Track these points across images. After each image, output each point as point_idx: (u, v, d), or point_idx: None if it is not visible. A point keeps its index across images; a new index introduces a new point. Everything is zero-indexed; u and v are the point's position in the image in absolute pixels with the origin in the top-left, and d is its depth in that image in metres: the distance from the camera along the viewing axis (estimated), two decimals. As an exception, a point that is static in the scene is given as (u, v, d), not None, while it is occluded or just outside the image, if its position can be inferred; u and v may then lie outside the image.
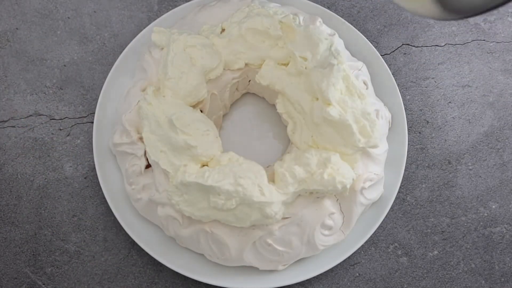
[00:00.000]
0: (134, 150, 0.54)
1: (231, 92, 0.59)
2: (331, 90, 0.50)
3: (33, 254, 0.56)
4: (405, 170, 0.58)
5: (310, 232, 0.51)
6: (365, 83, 0.58)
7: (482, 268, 0.57)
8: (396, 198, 0.59)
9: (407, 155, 0.60)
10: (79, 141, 0.60)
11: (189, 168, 0.49)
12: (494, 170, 0.61)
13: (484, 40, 0.67)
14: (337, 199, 0.52)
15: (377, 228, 0.56)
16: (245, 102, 0.62)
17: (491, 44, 0.67)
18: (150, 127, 0.51)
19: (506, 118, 0.64)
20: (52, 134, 0.61)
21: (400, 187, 0.57)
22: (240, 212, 0.48)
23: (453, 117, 0.64)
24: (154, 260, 0.55)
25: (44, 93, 0.62)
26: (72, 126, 0.61)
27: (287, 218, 0.50)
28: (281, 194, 0.49)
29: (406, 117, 0.60)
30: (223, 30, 0.56)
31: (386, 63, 0.62)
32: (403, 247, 0.58)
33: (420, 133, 0.63)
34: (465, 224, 0.59)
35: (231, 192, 0.47)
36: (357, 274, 0.56)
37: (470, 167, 0.61)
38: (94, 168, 0.57)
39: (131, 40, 0.61)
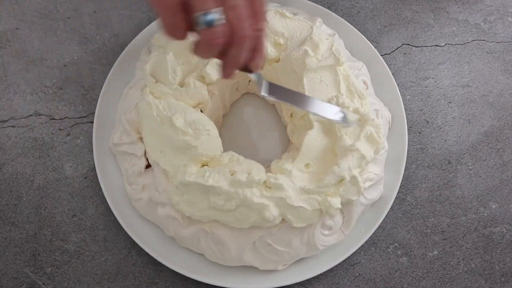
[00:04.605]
0: (134, 150, 0.54)
1: (231, 92, 0.59)
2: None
3: (33, 254, 0.56)
4: (405, 170, 0.58)
5: (310, 232, 0.51)
6: (365, 83, 0.58)
7: (482, 268, 0.57)
8: (396, 198, 0.59)
9: (407, 155, 0.60)
10: (79, 141, 0.60)
11: (189, 168, 0.49)
12: (494, 170, 0.61)
13: (484, 40, 0.67)
14: (337, 199, 0.52)
15: (377, 228, 0.56)
16: (245, 102, 0.62)
17: (491, 44, 0.67)
18: (150, 127, 0.51)
19: (506, 118, 0.64)
20: (52, 134, 0.61)
21: (400, 187, 0.57)
22: (239, 214, 0.48)
23: (453, 117, 0.63)
24: (154, 260, 0.55)
25: (44, 93, 0.62)
26: (72, 126, 0.61)
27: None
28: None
29: (406, 117, 0.60)
30: None
31: (386, 63, 0.62)
32: (403, 247, 0.58)
33: (420, 133, 0.62)
34: (465, 224, 0.59)
35: (231, 193, 0.47)
36: (357, 274, 0.56)
37: (470, 167, 0.61)
38: (94, 168, 0.57)
39: (131, 40, 0.61)
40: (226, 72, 0.40)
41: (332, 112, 0.49)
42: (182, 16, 0.36)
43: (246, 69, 0.42)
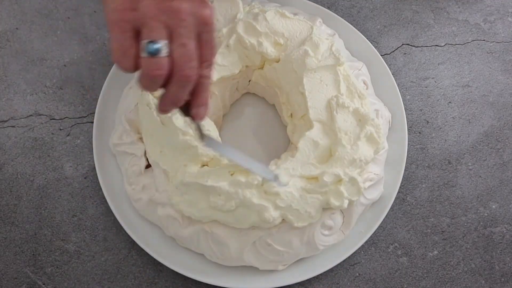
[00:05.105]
0: (134, 150, 0.54)
1: (231, 92, 0.59)
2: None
3: (33, 254, 0.56)
4: (405, 170, 0.58)
5: (310, 232, 0.51)
6: (365, 83, 0.58)
7: (482, 268, 0.57)
8: (396, 198, 0.59)
9: (407, 155, 0.60)
10: (79, 141, 0.60)
11: (189, 168, 0.49)
12: (494, 170, 0.61)
13: (484, 40, 0.67)
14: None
15: (377, 228, 0.56)
16: (245, 102, 0.62)
17: (491, 44, 0.67)
18: (150, 127, 0.51)
19: (506, 118, 0.64)
20: (52, 134, 0.61)
21: (400, 187, 0.57)
22: (239, 214, 0.48)
23: (453, 117, 0.63)
24: (154, 260, 0.55)
25: (44, 93, 0.62)
26: (72, 126, 0.61)
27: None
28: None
29: (406, 117, 0.60)
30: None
31: (386, 63, 0.62)
32: (403, 247, 0.58)
33: (420, 133, 0.62)
34: (465, 224, 0.59)
35: (231, 194, 0.47)
36: (357, 274, 0.56)
37: (470, 167, 0.61)
38: (94, 168, 0.57)
39: (131, 40, 0.61)
40: (161, 107, 0.38)
41: (264, 172, 0.48)
42: (132, 42, 0.35)
43: (187, 113, 0.40)
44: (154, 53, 0.34)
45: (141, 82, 0.36)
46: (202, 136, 0.44)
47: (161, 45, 0.34)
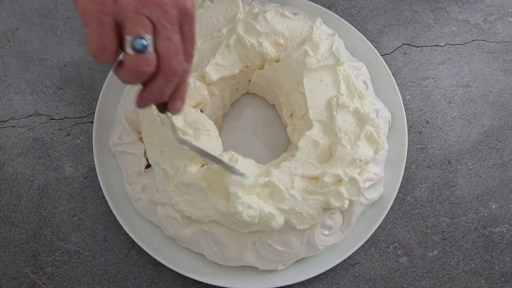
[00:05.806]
0: (134, 150, 0.54)
1: (231, 92, 0.59)
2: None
3: (33, 254, 0.56)
4: (405, 170, 0.58)
5: (310, 232, 0.51)
6: (365, 83, 0.58)
7: (482, 268, 0.57)
8: (396, 198, 0.59)
9: (407, 155, 0.60)
10: (79, 141, 0.60)
11: (189, 168, 0.49)
12: (494, 170, 0.61)
13: (484, 40, 0.67)
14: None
15: (377, 228, 0.56)
16: (245, 102, 0.62)
17: (491, 44, 0.67)
18: (150, 127, 0.51)
19: (506, 118, 0.64)
20: (52, 134, 0.61)
21: (400, 187, 0.57)
22: (241, 222, 0.48)
23: (453, 117, 0.63)
24: (154, 260, 0.55)
25: (44, 93, 0.62)
26: (72, 126, 0.61)
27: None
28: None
29: (406, 117, 0.60)
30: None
31: (386, 63, 0.62)
32: (403, 247, 0.58)
33: (420, 133, 0.62)
34: (465, 224, 0.59)
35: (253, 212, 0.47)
36: (357, 274, 0.56)
37: (470, 167, 0.61)
38: (94, 168, 0.57)
39: (131, 40, 0.61)
40: (141, 102, 0.36)
41: (231, 169, 0.47)
42: (111, 36, 0.32)
43: (163, 108, 0.39)
44: (140, 50, 0.32)
45: (123, 77, 0.34)
46: (176, 132, 0.45)
47: (148, 41, 0.32)
